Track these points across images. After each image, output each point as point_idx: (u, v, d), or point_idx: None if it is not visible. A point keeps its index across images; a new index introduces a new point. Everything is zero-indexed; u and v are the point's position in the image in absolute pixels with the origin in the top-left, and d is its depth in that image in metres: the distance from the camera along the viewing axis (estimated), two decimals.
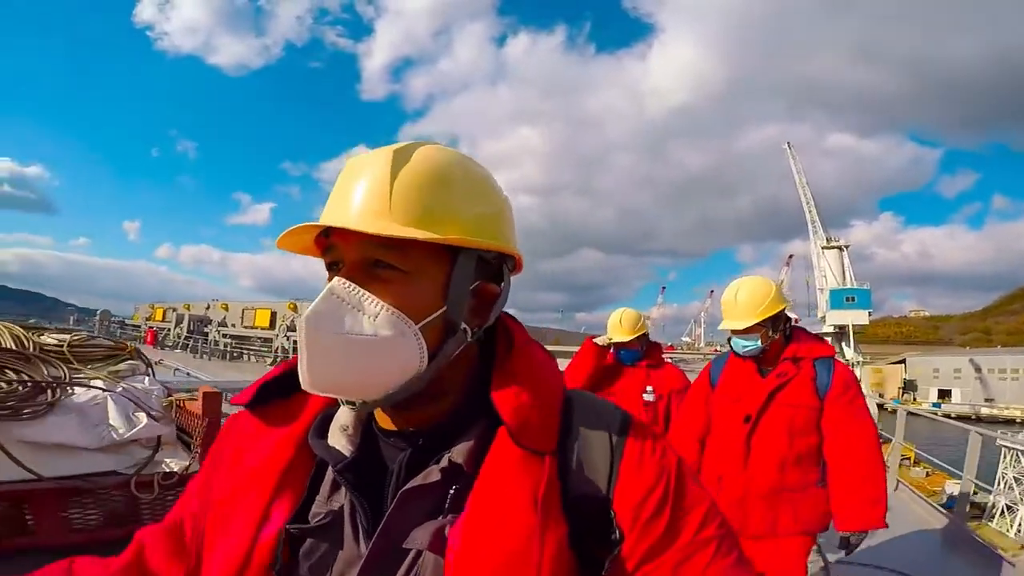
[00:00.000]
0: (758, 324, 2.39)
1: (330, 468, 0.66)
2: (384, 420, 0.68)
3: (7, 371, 2.47)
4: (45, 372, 2.59)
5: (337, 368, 0.59)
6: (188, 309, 20.21)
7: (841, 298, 48.98)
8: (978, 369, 74.13)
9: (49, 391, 2.42)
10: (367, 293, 0.59)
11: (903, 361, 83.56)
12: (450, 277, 0.63)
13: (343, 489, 0.65)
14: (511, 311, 0.74)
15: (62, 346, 2.88)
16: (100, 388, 2.67)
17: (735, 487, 2.42)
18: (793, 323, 2.59)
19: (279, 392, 0.72)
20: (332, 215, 0.62)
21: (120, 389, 2.76)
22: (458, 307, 0.63)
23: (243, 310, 17.77)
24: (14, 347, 2.73)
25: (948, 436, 6.31)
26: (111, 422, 2.54)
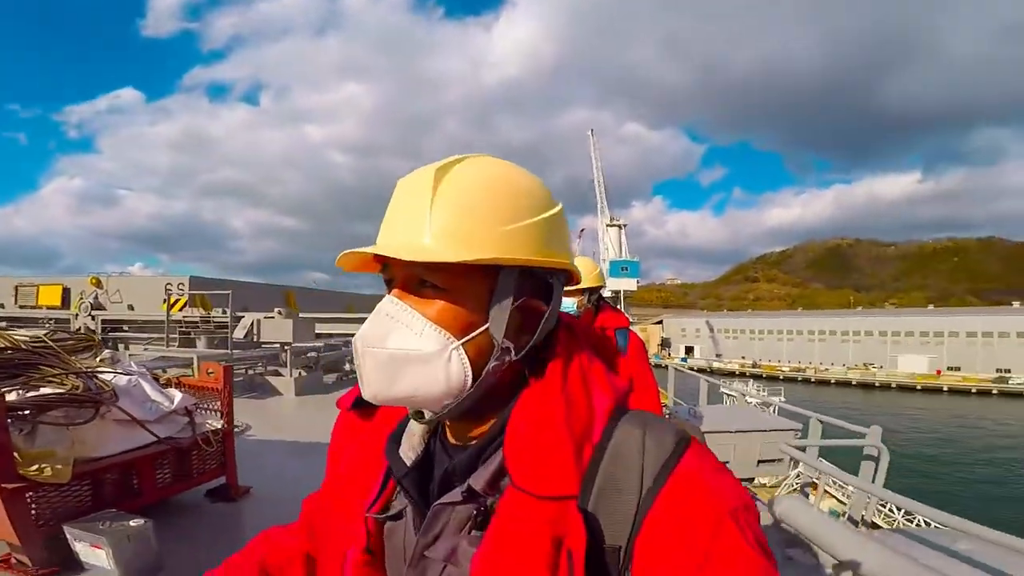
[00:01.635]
0: (577, 291, 2.79)
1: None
2: (449, 433, 0.71)
3: (43, 368, 2.87)
4: (79, 365, 3.05)
5: (389, 381, 0.62)
6: None
7: (618, 268, 57.78)
8: (711, 329, 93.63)
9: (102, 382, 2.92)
10: (412, 310, 0.62)
11: (661, 322, 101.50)
12: (491, 294, 0.63)
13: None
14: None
15: (45, 341, 3.21)
16: (130, 373, 3.22)
17: None
18: (603, 298, 3.01)
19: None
20: (381, 241, 0.64)
21: (143, 372, 3.33)
22: (500, 324, 0.62)
23: (16, 287, 14.91)
24: (24, 346, 3.03)
25: (692, 386, 8.99)
26: (154, 399, 3.16)
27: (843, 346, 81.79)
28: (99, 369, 3.02)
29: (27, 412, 2.34)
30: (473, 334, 0.62)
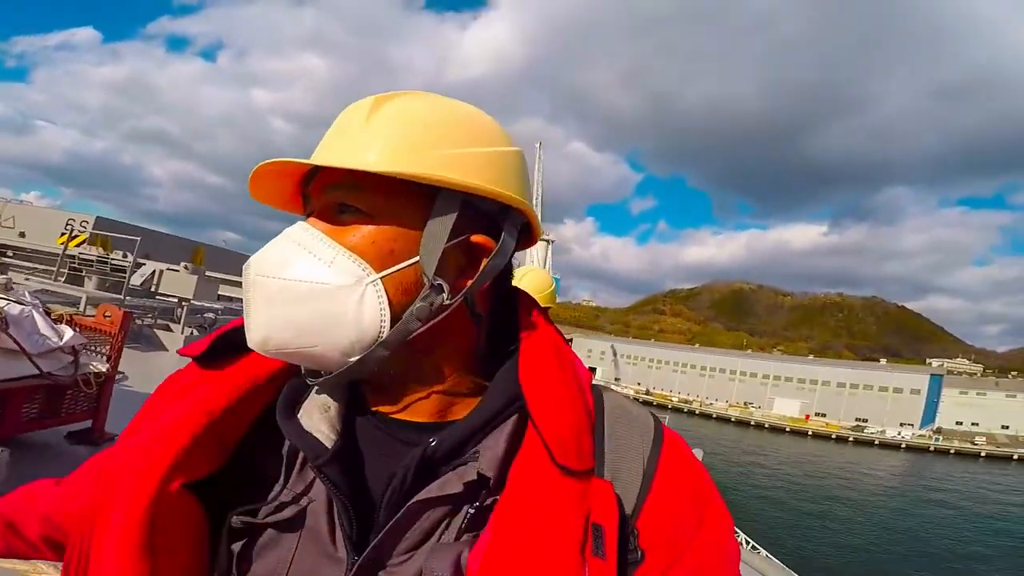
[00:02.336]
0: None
1: (285, 445, 0.54)
2: (384, 407, 0.56)
3: None
4: None
5: (283, 321, 0.49)
6: None
7: None
8: (615, 353, 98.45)
9: None
10: (323, 236, 0.51)
11: (571, 340, 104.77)
12: (424, 223, 0.52)
13: (303, 474, 0.54)
14: None
15: None
16: (23, 303, 3.21)
17: None
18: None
19: (238, 348, 0.57)
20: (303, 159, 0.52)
21: (37, 304, 3.33)
22: (431, 257, 0.51)
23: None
24: None
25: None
26: (44, 332, 3.18)
27: (729, 384, 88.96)
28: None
29: None
30: (397, 266, 0.51)
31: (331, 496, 0.52)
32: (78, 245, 10.17)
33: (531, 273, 2.74)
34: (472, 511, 0.50)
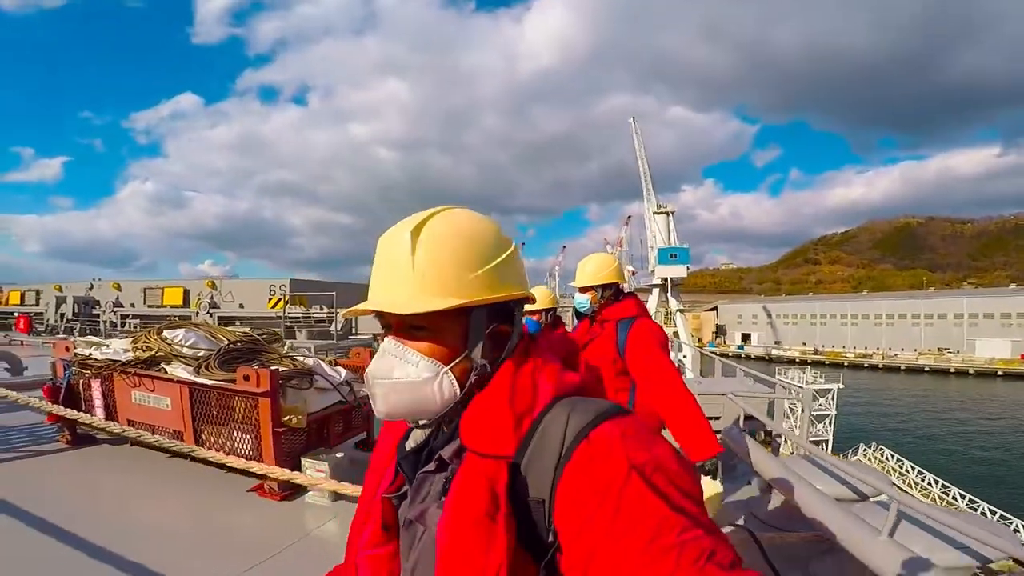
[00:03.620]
0: (590, 287, 2.85)
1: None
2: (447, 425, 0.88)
3: (265, 353, 4.04)
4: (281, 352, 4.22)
5: (395, 403, 0.83)
6: (60, 290, 18.63)
7: (666, 255, 57.38)
8: (769, 315, 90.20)
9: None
10: (409, 348, 0.83)
11: (715, 308, 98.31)
12: (467, 328, 0.83)
13: None
14: None
15: (254, 336, 4.40)
16: (310, 357, 4.36)
17: None
18: (623, 292, 2.94)
19: None
20: (372, 297, 0.85)
21: (315, 356, 4.48)
22: (476, 349, 0.83)
23: (144, 289, 17.09)
24: (248, 339, 4.23)
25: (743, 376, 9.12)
26: (330, 374, 4.29)
27: (914, 330, 77.40)
28: (294, 354, 4.19)
29: (280, 381, 3.47)
30: (457, 360, 0.82)
31: (406, 480, 0.90)
32: (285, 305, 12.38)
33: (535, 290, 3.17)
34: (444, 481, 0.81)
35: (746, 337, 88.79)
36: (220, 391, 3.43)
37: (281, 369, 3.61)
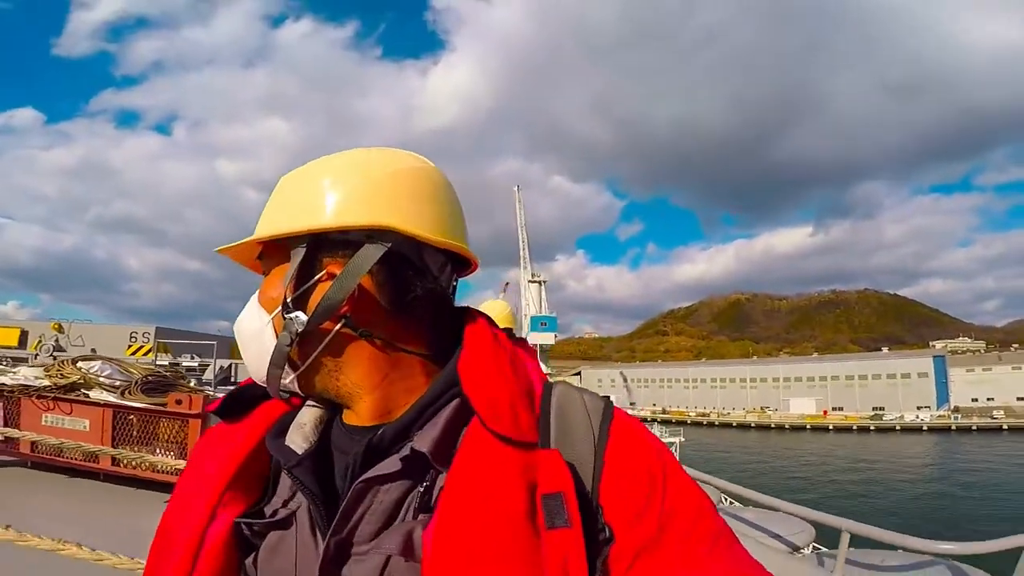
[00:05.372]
0: None
1: (273, 460, 0.65)
2: (349, 417, 0.66)
3: (180, 386, 4.46)
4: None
5: (246, 357, 0.66)
6: None
7: (537, 323, 61.22)
8: (625, 379, 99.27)
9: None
10: (256, 294, 0.66)
11: (579, 373, 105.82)
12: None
13: (292, 484, 0.63)
14: None
15: (163, 373, 4.79)
16: (217, 396, 4.77)
17: None
18: (517, 338, 4.33)
19: (253, 400, 0.71)
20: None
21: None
22: (302, 297, 0.61)
23: None
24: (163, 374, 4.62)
25: None
26: None
27: (742, 392, 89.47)
28: (204, 389, 4.61)
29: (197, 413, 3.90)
30: (276, 311, 0.62)
31: (305, 496, 0.61)
32: (144, 354, 11.72)
33: (488, 304, 3.33)
34: (421, 490, 0.57)
35: (606, 399, 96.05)
36: (145, 414, 3.79)
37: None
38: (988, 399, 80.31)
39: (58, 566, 1.96)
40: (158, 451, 3.76)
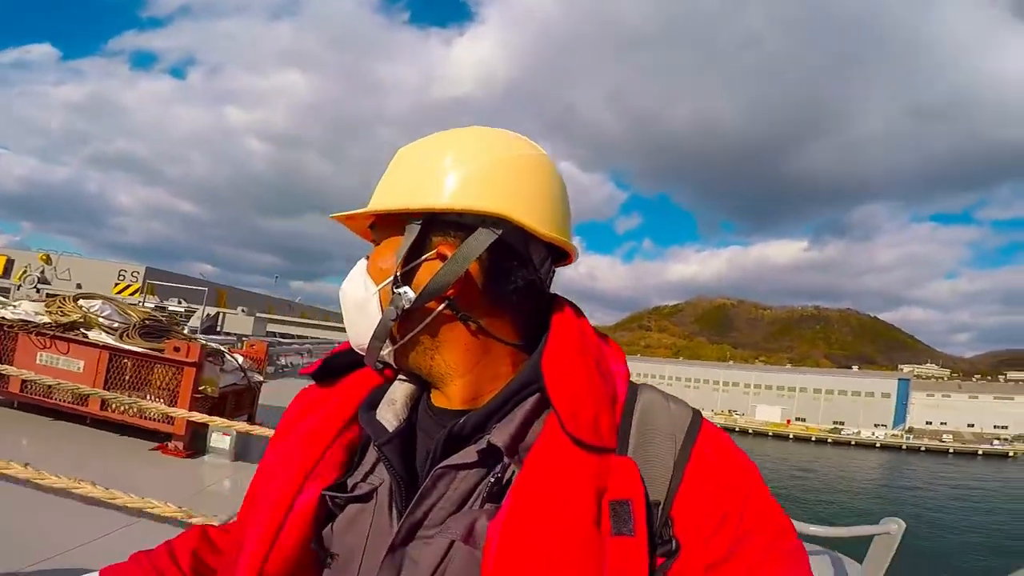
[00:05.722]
0: None
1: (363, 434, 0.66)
2: (436, 398, 0.67)
3: (175, 333, 4.56)
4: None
5: (349, 324, 0.67)
6: None
7: None
8: None
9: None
10: (363, 261, 0.68)
11: None
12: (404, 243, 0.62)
13: (377, 459, 0.65)
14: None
15: (159, 318, 4.87)
16: (214, 341, 4.89)
17: None
18: None
19: (346, 367, 0.73)
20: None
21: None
22: (410, 273, 0.61)
23: None
24: (158, 319, 4.71)
25: None
26: (230, 358, 4.86)
27: (714, 394, 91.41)
28: (204, 337, 4.72)
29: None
30: (385, 282, 0.63)
31: (389, 474, 0.62)
32: (132, 294, 11.72)
33: None
34: (492, 481, 0.57)
35: None
36: (140, 358, 3.91)
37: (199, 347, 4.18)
38: (941, 423, 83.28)
39: (74, 502, 2.12)
40: (148, 397, 3.89)
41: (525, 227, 0.61)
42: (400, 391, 0.69)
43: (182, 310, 10.05)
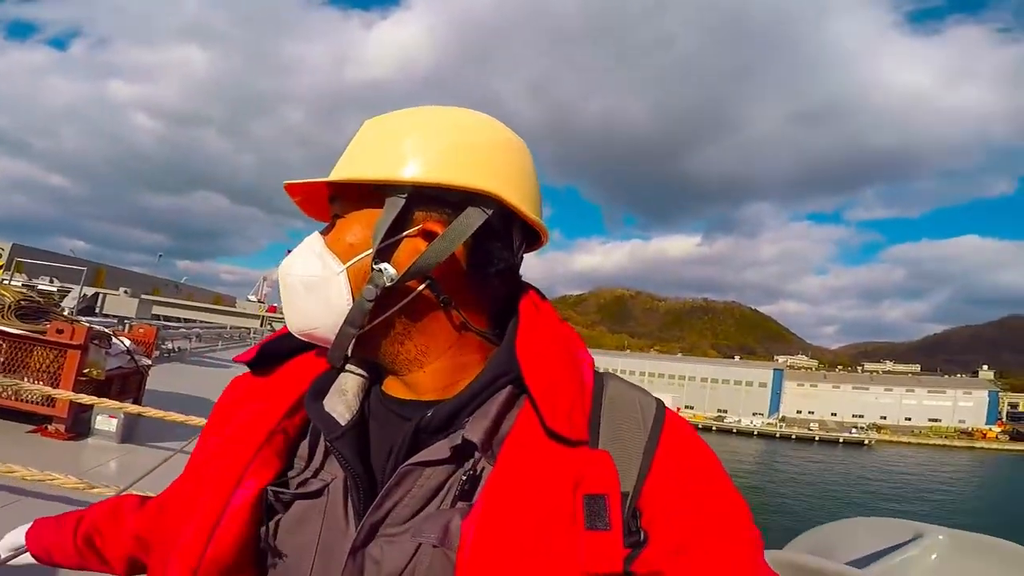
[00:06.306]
0: None
1: (310, 427, 0.61)
2: (393, 388, 0.62)
3: (54, 314, 4.45)
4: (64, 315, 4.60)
5: (293, 307, 0.60)
6: None
7: None
8: None
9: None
10: (317, 237, 0.61)
11: None
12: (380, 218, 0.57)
13: (327, 453, 0.60)
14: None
15: (36, 299, 4.72)
16: (98, 324, 4.78)
17: None
18: None
19: (284, 354, 0.67)
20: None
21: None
22: (388, 249, 0.57)
23: None
24: (35, 300, 4.56)
25: None
26: (116, 341, 4.78)
27: None
28: (90, 320, 4.60)
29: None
30: (356, 258, 0.58)
31: (345, 472, 0.57)
32: (5, 272, 10.61)
33: None
34: (464, 478, 0.54)
35: None
36: (17, 340, 3.80)
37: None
38: (809, 412, 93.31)
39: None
40: (27, 380, 3.80)
41: (515, 208, 0.59)
42: (351, 381, 0.64)
43: (54, 289, 9.29)
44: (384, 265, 0.56)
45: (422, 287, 0.57)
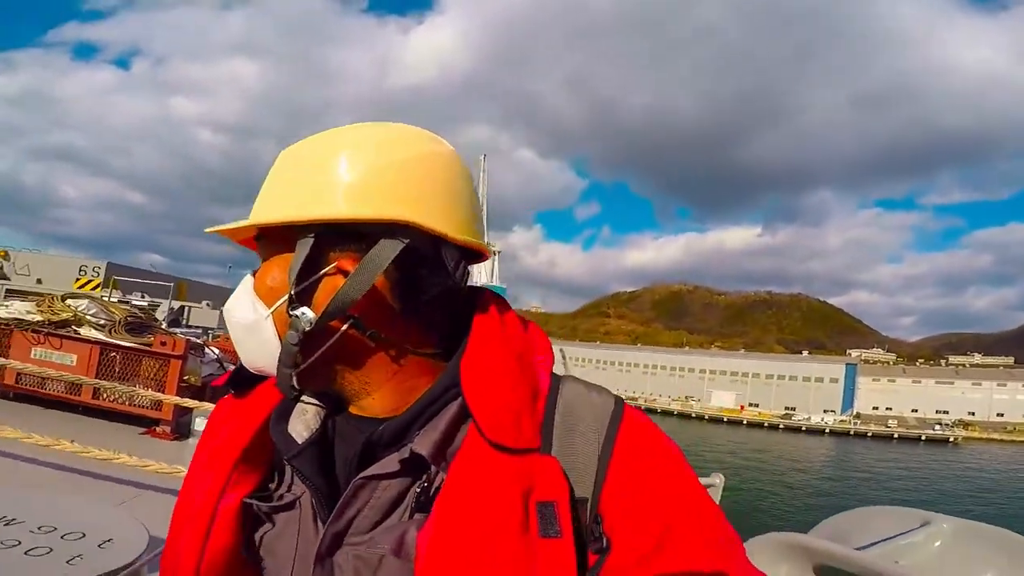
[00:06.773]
0: None
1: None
2: (353, 407, 0.64)
3: (155, 328, 5.00)
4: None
5: (240, 346, 0.62)
6: None
7: None
8: (564, 357, 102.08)
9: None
10: (248, 281, 0.62)
11: None
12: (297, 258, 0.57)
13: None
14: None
15: (139, 314, 5.31)
16: (191, 335, 5.33)
17: None
18: None
19: (255, 377, 0.67)
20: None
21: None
22: (307, 291, 0.57)
23: None
24: (140, 315, 5.14)
25: None
26: (207, 350, 5.31)
27: (671, 380, 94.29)
28: (180, 331, 5.15)
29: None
30: (277, 303, 0.58)
31: (304, 484, 0.61)
32: (93, 288, 11.76)
33: None
34: (418, 491, 0.56)
35: None
36: (129, 352, 4.34)
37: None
38: (887, 408, 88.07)
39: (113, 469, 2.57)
40: (138, 387, 4.32)
41: (434, 233, 0.58)
42: (312, 401, 0.66)
43: (145, 304, 10.21)
44: (303, 310, 0.57)
45: (345, 326, 0.58)
